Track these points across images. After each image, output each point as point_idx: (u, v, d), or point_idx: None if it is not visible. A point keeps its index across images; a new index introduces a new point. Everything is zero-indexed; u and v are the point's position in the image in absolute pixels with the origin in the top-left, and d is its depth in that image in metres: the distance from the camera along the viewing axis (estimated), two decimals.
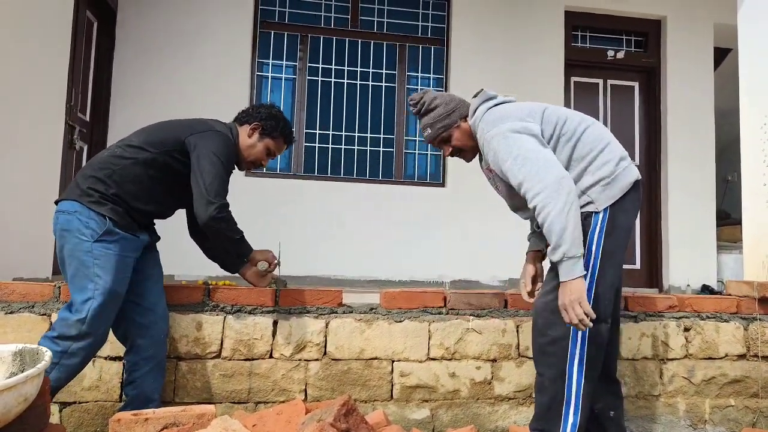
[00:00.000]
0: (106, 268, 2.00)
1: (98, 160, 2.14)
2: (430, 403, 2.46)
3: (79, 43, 4.21)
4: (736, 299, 2.71)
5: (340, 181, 5.26)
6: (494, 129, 2.01)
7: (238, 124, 2.39)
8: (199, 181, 2.11)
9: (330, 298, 2.48)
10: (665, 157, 5.67)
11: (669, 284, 5.50)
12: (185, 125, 2.24)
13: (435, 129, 2.16)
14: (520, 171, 1.91)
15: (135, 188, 2.11)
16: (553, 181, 1.85)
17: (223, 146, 2.19)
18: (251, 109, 2.41)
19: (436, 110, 2.17)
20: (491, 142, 2.01)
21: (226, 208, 2.15)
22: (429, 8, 5.59)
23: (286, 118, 2.43)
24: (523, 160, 1.91)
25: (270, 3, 5.37)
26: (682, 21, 5.75)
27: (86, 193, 2.05)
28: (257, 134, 2.36)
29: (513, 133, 1.97)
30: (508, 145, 1.96)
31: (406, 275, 5.09)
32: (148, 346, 2.17)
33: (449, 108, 2.17)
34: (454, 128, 2.17)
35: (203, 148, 2.14)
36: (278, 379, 2.37)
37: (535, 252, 2.30)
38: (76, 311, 1.96)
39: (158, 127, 2.26)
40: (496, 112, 2.08)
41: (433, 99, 2.18)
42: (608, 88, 5.86)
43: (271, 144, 2.38)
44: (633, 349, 2.58)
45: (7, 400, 1.22)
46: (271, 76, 5.35)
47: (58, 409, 2.26)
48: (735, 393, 2.64)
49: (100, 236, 2.01)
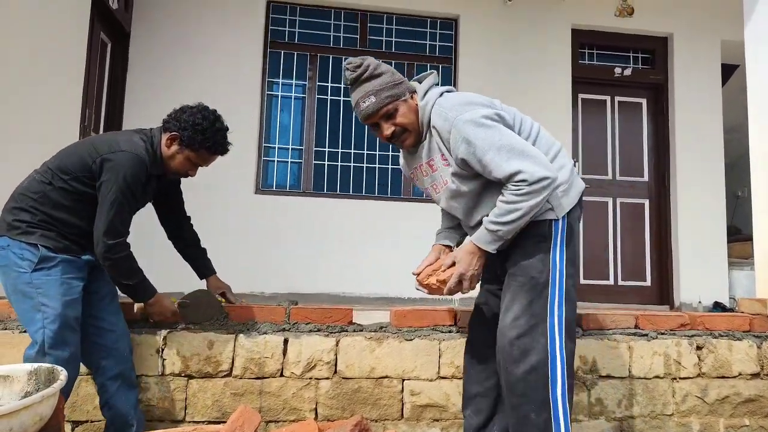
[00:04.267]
0: (50, 294, 1.94)
1: (19, 191, 2.07)
2: (441, 422, 2.44)
3: (93, 64, 4.29)
4: (749, 317, 2.69)
5: (349, 198, 5.29)
6: (465, 114, 1.80)
7: (163, 129, 2.17)
8: (100, 212, 2.00)
9: (340, 316, 2.48)
10: (674, 174, 5.66)
11: (680, 301, 5.45)
12: (92, 146, 2.07)
13: (380, 98, 1.86)
14: (509, 163, 1.74)
15: (60, 212, 2.03)
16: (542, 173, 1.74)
17: (130, 169, 2.01)
18: (174, 113, 2.16)
19: (382, 77, 1.88)
20: (462, 127, 1.79)
21: (117, 248, 2.01)
22: (437, 27, 5.65)
23: (214, 126, 2.14)
24: (509, 151, 1.75)
25: (280, 23, 5.45)
26: (688, 38, 5.77)
27: (12, 227, 1.99)
28: (176, 144, 2.13)
29: (490, 121, 1.80)
30: (487, 134, 1.77)
31: (415, 293, 5.07)
32: (113, 366, 2.13)
33: (397, 77, 1.91)
34: (401, 101, 1.89)
35: (109, 173, 2.00)
36: (289, 397, 2.37)
37: (442, 246, 2.21)
38: (33, 346, 1.93)
39: (69, 150, 2.13)
40: (456, 96, 1.91)
41: (378, 65, 1.90)
42: (616, 105, 5.87)
43: (193, 156, 2.15)
44: (645, 368, 2.56)
45: (24, 420, 1.23)
46: (280, 95, 5.41)
47: (71, 428, 2.27)
48: (749, 412, 2.61)
49: (36, 265, 1.95)
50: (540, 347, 1.81)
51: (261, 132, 5.28)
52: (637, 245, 5.69)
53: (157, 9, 5.10)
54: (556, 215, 1.88)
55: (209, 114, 2.15)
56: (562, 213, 1.89)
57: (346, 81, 1.92)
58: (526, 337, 1.82)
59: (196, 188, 5.01)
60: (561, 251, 1.88)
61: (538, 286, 1.86)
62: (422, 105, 1.91)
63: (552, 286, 1.85)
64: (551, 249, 1.87)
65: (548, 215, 1.88)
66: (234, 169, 5.03)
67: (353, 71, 1.88)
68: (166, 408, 2.32)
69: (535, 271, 1.87)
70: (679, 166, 5.63)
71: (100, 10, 4.33)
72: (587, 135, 5.77)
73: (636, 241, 5.70)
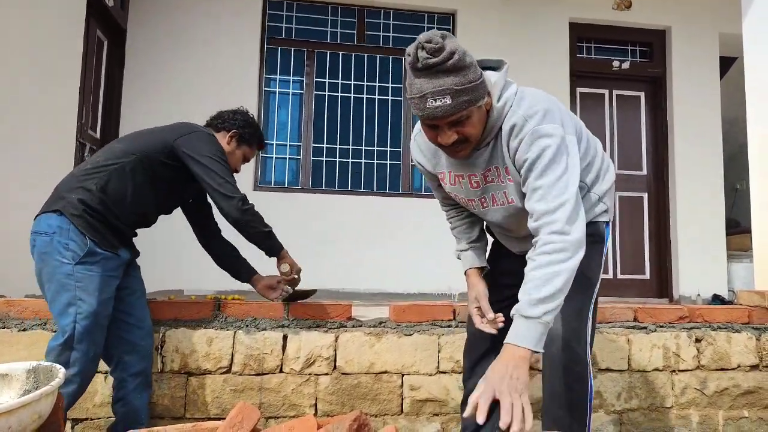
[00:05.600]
0: (89, 290, 1.93)
1: (81, 170, 2.07)
2: (441, 417, 2.45)
3: (89, 61, 4.28)
4: (748, 309, 2.69)
5: (346, 194, 5.29)
6: (550, 125, 1.50)
7: (213, 130, 2.31)
8: (212, 182, 2.08)
9: (339, 312, 2.48)
10: (672, 167, 5.66)
11: (679, 294, 5.46)
12: (170, 129, 2.19)
13: (458, 101, 1.42)
14: (555, 198, 1.45)
15: (120, 196, 2.03)
16: (581, 234, 1.45)
17: (216, 145, 2.17)
18: (227, 115, 2.34)
19: (466, 72, 1.42)
20: (540, 140, 1.48)
21: (247, 200, 2.14)
22: (434, 22, 5.64)
23: (258, 125, 2.41)
24: (564, 187, 1.46)
25: (277, 19, 5.43)
26: (686, 31, 5.77)
27: (71, 204, 1.96)
28: (235, 141, 2.30)
29: (570, 145, 1.52)
30: (563, 157, 1.48)
31: (414, 288, 5.09)
32: (135, 362, 2.12)
33: (479, 73, 1.47)
34: (476, 107, 1.48)
35: (200, 149, 2.11)
36: (288, 393, 2.38)
37: (479, 269, 1.88)
38: (58, 337, 1.92)
39: (140, 133, 2.20)
40: (537, 96, 1.60)
41: (464, 54, 1.43)
42: (614, 98, 5.87)
43: (248, 151, 2.36)
44: (644, 361, 2.56)
45: (23, 418, 1.23)
46: (278, 91, 5.40)
47: (71, 425, 2.27)
48: (749, 404, 2.61)
49: (81, 258, 1.93)
50: (585, 354, 1.64)
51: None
52: (635, 238, 5.70)
53: (153, 6, 5.09)
54: (609, 217, 1.76)
55: (251, 114, 2.40)
56: (611, 216, 1.79)
57: (413, 63, 1.43)
58: (579, 344, 1.61)
59: None
60: (604, 256, 1.77)
61: (592, 289, 1.70)
62: (498, 107, 1.55)
63: (594, 289, 1.72)
64: (603, 252, 1.75)
65: (603, 217, 1.74)
66: None
67: (432, 55, 1.39)
68: (166, 405, 2.32)
69: (591, 272, 1.68)
70: (678, 159, 5.63)
71: (96, 7, 4.32)
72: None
73: (635, 234, 5.71)
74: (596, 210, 1.72)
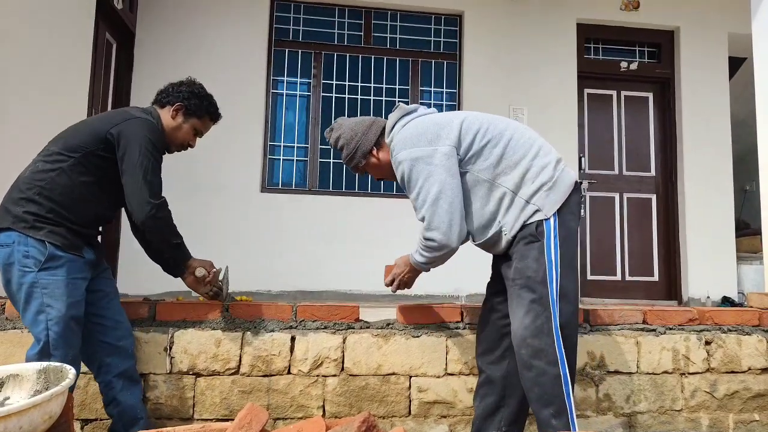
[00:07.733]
0: (55, 295, 1.90)
1: (23, 180, 2.00)
2: (449, 419, 2.44)
3: (98, 64, 4.31)
4: (758, 311, 2.67)
5: (354, 196, 5.29)
6: (403, 152, 1.98)
7: (158, 106, 2.24)
8: (133, 177, 1.99)
9: (347, 313, 2.48)
10: (681, 168, 5.63)
11: (688, 296, 5.42)
12: (102, 119, 2.11)
13: (352, 165, 2.19)
14: (422, 208, 1.95)
15: (69, 199, 1.98)
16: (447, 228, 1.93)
17: (150, 133, 2.06)
18: (171, 88, 2.26)
19: (342, 151, 2.18)
20: (398, 166, 2.00)
21: (165, 207, 2.06)
22: (441, 23, 5.64)
23: (209, 95, 2.32)
24: (424, 199, 1.93)
25: (284, 21, 5.45)
26: (695, 31, 5.74)
27: (20, 219, 1.92)
28: (181, 115, 2.23)
29: (420, 163, 1.93)
30: (416, 175, 1.94)
31: (421, 289, 5.06)
32: (118, 363, 2.12)
33: (351, 148, 2.15)
34: (363, 166, 2.18)
35: (130, 139, 2.01)
36: (296, 395, 2.38)
37: None
38: (35, 346, 1.91)
39: (74, 129, 2.12)
40: (408, 129, 2.03)
41: (337, 139, 2.18)
42: (622, 99, 5.84)
43: (198, 124, 2.27)
44: (653, 363, 2.55)
45: (33, 418, 1.24)
46: (285, 93, 5.42)
47: (80, 426, 2.28)
48: (759, 408, 2.59)
49: (43, 264, 1.90)
50: (548, 348, 1.82)
51: (266, 130, 5.28)
52: (644, 240, 5.67)
53: (162, 9, 5.12)
54: (545, 215, 1.89)
55: (199, 84, 2.34)
56: (550, 211, 1.89)
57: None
58: (535, 339, 1.84)
59: (204, 188, 5.06)
60: (555, 249, 1.88)
61: (536, 286, 1.87)
62: (388, 143, 2.11)
63: (550, 284, 1.86)
64: (545, 248, 1.87)
65: (536, 216, 1.89)
66: (240, 168, 5.05)
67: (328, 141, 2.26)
68: (175, 406, 2.33)
69: (531, 271, 1.88)
70: (687, 161, 5.60)
71: (105, 10, 4.35)
72: (593, 130, 5.75)
73: (643, 236, 5.67)
74: (526, 212, 1.90)
